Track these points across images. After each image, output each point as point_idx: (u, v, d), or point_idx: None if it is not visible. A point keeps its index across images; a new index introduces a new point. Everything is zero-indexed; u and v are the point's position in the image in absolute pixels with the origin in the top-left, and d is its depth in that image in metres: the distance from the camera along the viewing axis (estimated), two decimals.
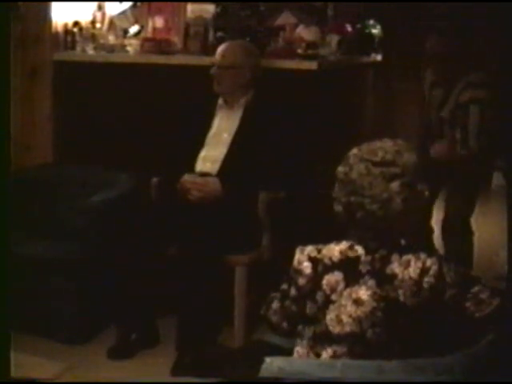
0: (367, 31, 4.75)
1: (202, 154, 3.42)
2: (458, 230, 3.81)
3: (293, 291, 2.04)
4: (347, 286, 1.93)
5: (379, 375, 1.76)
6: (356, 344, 1.88)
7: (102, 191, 3.53)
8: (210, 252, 3.06)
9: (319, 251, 2.02)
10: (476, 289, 1.87)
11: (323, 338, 1.93)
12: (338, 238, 2.02)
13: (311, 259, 2.01)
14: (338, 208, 1.99)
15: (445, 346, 1.85)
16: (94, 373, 3.06)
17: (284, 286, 2.09)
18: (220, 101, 3.49)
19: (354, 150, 2.00)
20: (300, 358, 1.96)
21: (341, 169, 1.99)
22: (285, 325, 2.08)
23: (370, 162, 1.93)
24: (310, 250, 2.03)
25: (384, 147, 1.96)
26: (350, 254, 1.96)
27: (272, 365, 1.81)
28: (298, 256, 2.05)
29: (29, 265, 3.32)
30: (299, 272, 2.02)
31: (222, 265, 3.13)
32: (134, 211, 3.38)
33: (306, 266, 2.01)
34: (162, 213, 3.33)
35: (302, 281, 2.01)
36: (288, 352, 2.01)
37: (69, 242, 3.37)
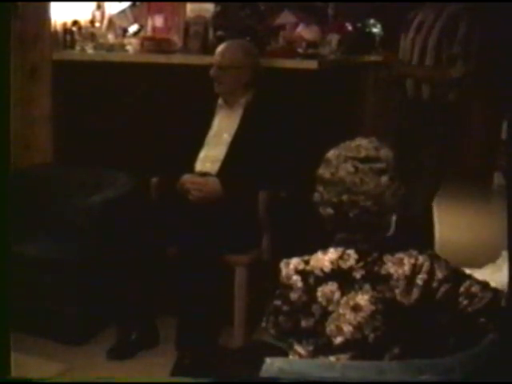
0: (368, 30, 4.74)
1: (202, 153, 3.42)
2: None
3: (285, 307, 1.97)
4: (343, 294, 1.90)
5: (379, 376, 1.76)
6: (358, 350, 1.86)
7: (101, 191, 3.53)
8: (210, 252, 3.06)
9: (307, 263, 1.95)
10: (467, 283, 1.87)
11: (325, 349, 1.90)
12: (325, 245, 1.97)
13: (299, 272, 1.95)
14: (328, 211, 1.94)
15: (444, 346, 1.85)
16: (94, 373, 3.06)
17: (277, 302, 2.00)
18: (220, 101, 3.48)
19: (333, 151, 1.97)
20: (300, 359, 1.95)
21: (325, 171, 1.95)
22: (283, 337, 2.01)
23: (356, 160, 1.91)
24: (295, 262, 1.97)
25: (363, 145, 1.94)
26: (342, 264, 1.91)
27: (272, 365, 1.80)
28: (284, 271, 1.97)
29: (29, 265, 3.32)
30: (289, 287, 1.96)
31: (222, 265, 3.13)
32: (134, 211, 3.38)
33: (296, 280, 1.95)
34: (162, 213, 3.33)
35: (293, 295, 1.95)
36: (288, 352, 2.01)
37: (68, 242, 3.37)
